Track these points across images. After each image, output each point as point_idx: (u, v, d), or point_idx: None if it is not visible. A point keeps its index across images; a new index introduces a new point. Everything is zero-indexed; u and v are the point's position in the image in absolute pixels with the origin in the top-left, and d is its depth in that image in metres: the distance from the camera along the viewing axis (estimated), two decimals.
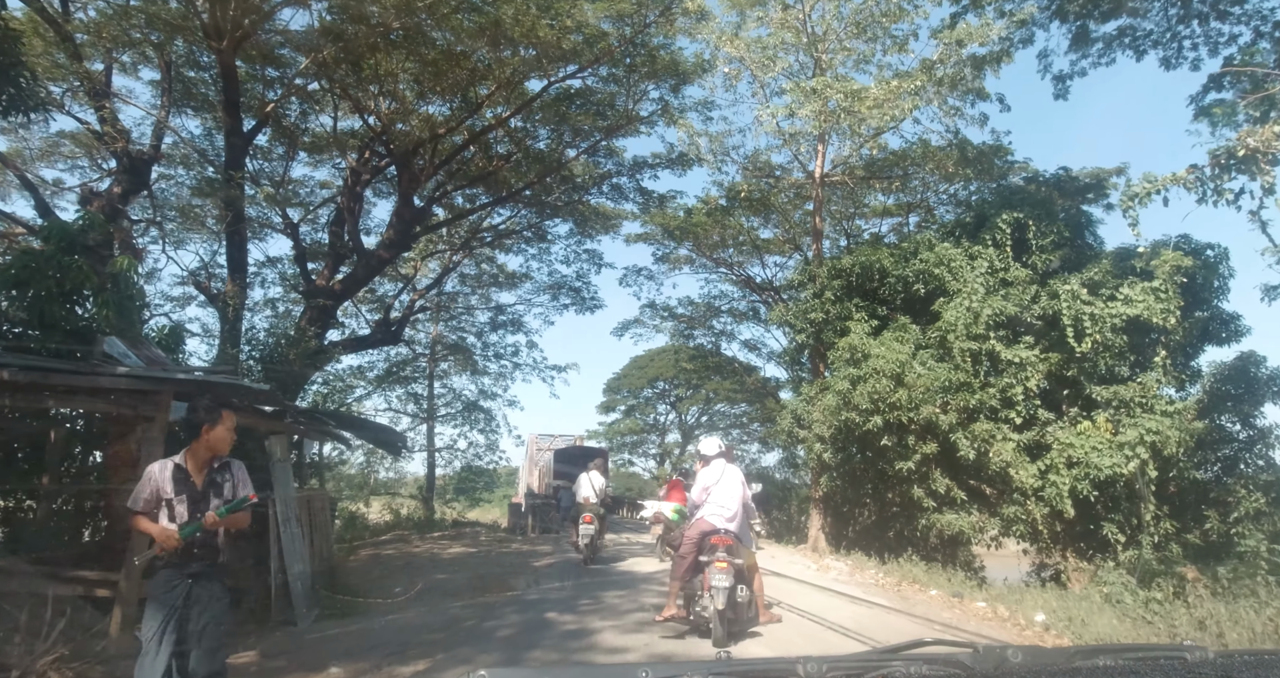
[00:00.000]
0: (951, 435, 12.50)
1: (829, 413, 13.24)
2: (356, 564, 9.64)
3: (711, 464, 6.33)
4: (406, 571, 8.95)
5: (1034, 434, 13.02)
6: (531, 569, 9.19)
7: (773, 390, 30.77)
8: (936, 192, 22.56)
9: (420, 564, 9.68)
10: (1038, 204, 14.37)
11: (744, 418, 40.42)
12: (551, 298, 24.30)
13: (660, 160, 19.04)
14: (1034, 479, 12.45)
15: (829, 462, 14.02)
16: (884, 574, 10.81)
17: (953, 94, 15.61)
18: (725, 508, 6.08)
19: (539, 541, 14.60)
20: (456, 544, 12.85)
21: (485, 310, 26.63)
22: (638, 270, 24.51)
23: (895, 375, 12.23)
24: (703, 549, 5.90)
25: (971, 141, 17.69)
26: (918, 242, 15.61)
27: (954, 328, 12.79)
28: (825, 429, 14.07)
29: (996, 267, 13.74)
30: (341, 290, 15.61)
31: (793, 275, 15.99)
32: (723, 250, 25.51)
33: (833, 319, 15.08)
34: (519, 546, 12.99)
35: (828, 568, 11.24)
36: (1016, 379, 12.96)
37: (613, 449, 43.21)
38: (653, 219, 22.15)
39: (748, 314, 29.07)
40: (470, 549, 12.03)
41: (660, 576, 8.27)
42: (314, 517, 6.96)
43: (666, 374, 41.22)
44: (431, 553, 11.43)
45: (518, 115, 17.45)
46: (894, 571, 10.97)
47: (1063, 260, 13.87)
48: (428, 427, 30.50)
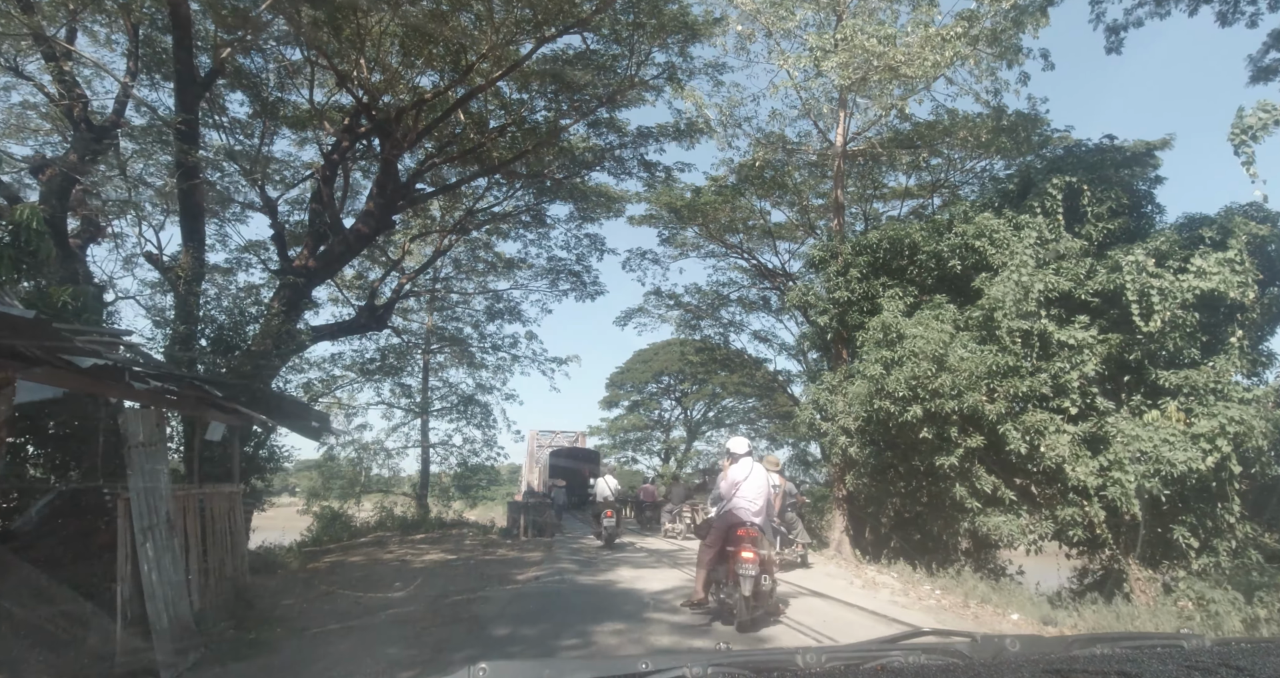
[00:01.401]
0: (999, 427, 10.98)
1: (858, 402, 11.73)
2: (302, 578, 8.16)
3: (740, 461, 6.66)
4: (362, 585, 7.48)
5: (1091, 426, 11.48)
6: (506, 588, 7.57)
7: (783, 384, 29.24)
8: (961, 169, 21.09)
9: (380, 577, 8.21)
10: (1091, 168, 12.84)
11: (751, 413, 38.93)
12: (550, 284, 22.82)
13: (666, 132, 17.52)
14: (1093, 476, 10.93)
15: (855, 457, 12.52)
16: (941, 591, 9.28)
17: (991, 50, 14.06)
18: (752, 503, 6.42)
19: (530, 545, 13.33)
20: (436, 549, 11.41)
21: (480, 296, 25.11)
22: (642, 253, 23.05)
23: (936, 358, 10.71)
24: (729, 540, 6.25)
25: (1006, 110, 16.18)
26: (952, 214, 14.10)
27: (1001, 304, 11.26)
28: (852, 421, 12.58)
29: (1046, 237, 12.21)
30: (317, 268, 14.15)
31: (812, 251, 14.50)
32: (732, 235, 24.03)
33: (859, 299, 13.57)
34: (506, 551, 11.50)
35: (874, 584, 9.59)
36: (1071, 363, 11.42)
37: (616, 446, 41.79)
38: (658, 198, 20.66)
39: (758, 304, 27.60)
40: (449, 556, 10.56)
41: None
42: (212, 524, 5.48)
43: (671, 368, 39.74)
44: (402, 561, 9.98)
45: (510, 78, 16.00)
46: (952, 586, 9.44)
47: (1121, 230, 12.32)
48: (421, 422, 29.12)
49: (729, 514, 6.37)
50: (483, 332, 28.36)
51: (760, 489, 6.53)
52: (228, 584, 5.56)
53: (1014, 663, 1.35)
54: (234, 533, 5.86)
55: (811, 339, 14.44)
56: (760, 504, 6.47)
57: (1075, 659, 1.41)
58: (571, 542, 14.18)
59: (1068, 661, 1.40)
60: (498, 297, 24.68)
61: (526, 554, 11.05)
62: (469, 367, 29.60)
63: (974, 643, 1.44)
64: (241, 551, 6.03)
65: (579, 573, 9.05)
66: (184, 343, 10.94)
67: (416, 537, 13.99)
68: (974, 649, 1.41)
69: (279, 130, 17.81)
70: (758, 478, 6.57)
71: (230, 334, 11.01)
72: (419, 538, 13.70)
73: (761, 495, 6.52)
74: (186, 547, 4.76)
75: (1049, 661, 1.39)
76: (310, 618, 5.66)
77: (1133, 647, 1.50)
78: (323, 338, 17.01)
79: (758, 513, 6.38)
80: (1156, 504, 10.76)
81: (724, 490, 6.57)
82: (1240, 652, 1.44)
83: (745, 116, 18.29)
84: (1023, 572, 14.62)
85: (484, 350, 29.22)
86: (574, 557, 11.11)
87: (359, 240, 14.34)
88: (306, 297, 13.79)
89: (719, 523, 6.41)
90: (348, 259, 15.50)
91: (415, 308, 26.38)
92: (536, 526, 14.04)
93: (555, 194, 20.92)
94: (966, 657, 1.38)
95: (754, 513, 6.35)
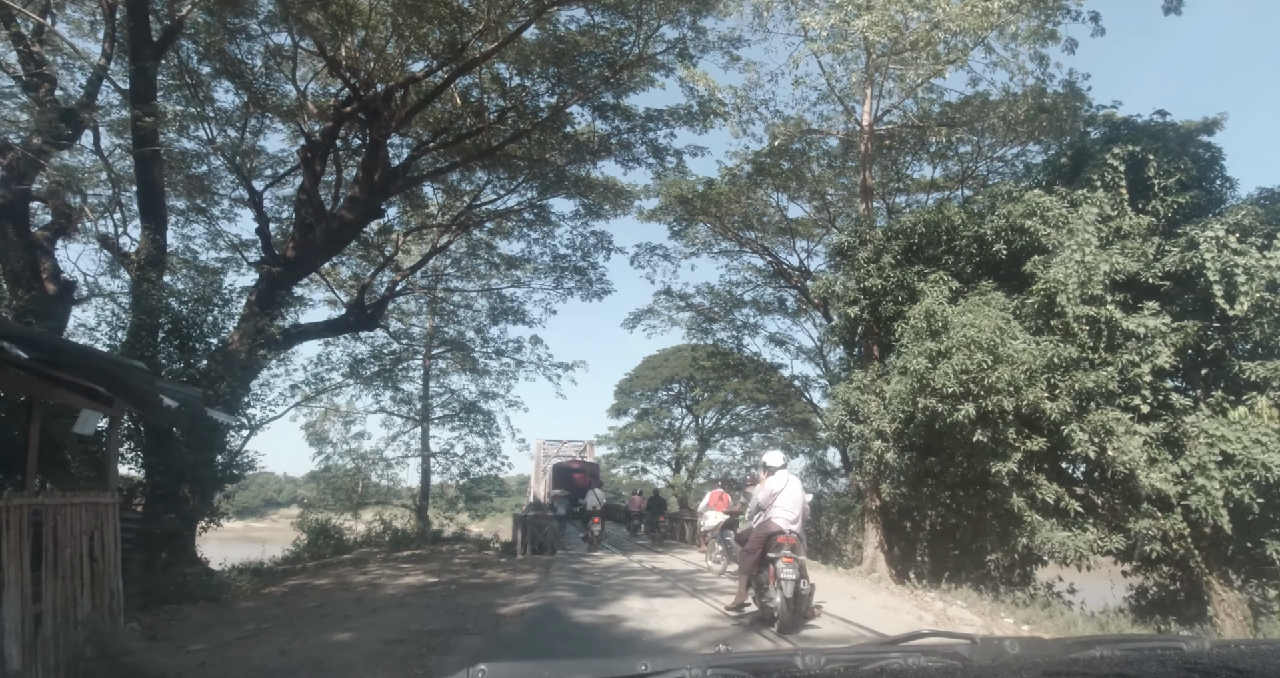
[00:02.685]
0: (1063, 428, 9.59)
1: (897, 401, 10.36)
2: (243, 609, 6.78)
3: (776, 474, 7.02)
4: (307, 620, 6.10)
5: (1164, 427, 10.08)
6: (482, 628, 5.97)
7: (800, 390, 27.80)
8: (990, 158, 19.75)
9: (335, 609, 6.83)
10: (1154, 136, 11.49)
11: (765, 422, 37.44)
12: (554, 282, 21.54)
13: (677, 115, 16.27)
14: (1170, 483, 9.51)
15: (892, 464, 11.13)
16: (1021, 622, 7.78)
17: (1035, 13, 12.75)
18: (789, 512, 6.79)
19: (526, 565, 11.63)
20: (418, 570, 10.05)
21: (481, 295, 23.87)
22: (651, 248, 21.70)
23: (990, 348, 9.34)
24: (769, 547, 6.58)
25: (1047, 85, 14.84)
26: (993, 194, 12.75)
27: (1063, 287, 9.89)
28: (888, 423, 11.20)
29: (1108, 213, 10.86)
30: (296, 258, 12.95)
31: (840, 237, 13.18)
32: (746, 231, 22.74)
33: (893, 288, 12.21)
34: (497, 573, 10.01)
35: (948, 619, 7.94)
36: (1141, 355, 10.04)
37: (624, 455, 40.36)
38: (669, 190, 19.39)
39: (773, 305, 26.23)
40: (429, 579, 9.17)
41: None
42: (57, 548, 4.14)
43: (682, 374, 38.36)
44: (373, 585, 8.63)
45: (509, 59, 14.85)
46: (1034, 617, 7.97)
47: (1192, 204, 10.94)
48: (422, 430, 27.89)
49: (767, 523, 6.74)
50: (485, 335, 27.16)
51: (796, 500, 6.91)
52: (82, 633, 4.23)
53: (1013, 665, 1.34)
54: (98, 560, 4.50)
55: (840, 334, 13.07)
56: (796, 514, 6.88)
57: (1074, 662, 1.40)
58: (573, 560, 12.73)
59: (1066, 663, 1.39)
60: (500, 297, 23.42)
61: (520, 577, 9.55)
62: (471, 373, 28.39)
63: (973, 645, 1.42)
64: (111, 584, 4.65)
65: (577, 605, 7.37)
66: (138, 338, 9.74)
67: (403, 554, 12.63)
68: (973, 651, 1.39)
69: (266, 120, 16.71)
70: (793, 489, 6.95)
71: (190, 327, 9.78)
72: (405, 556, 12.32)
73: (797, 506, 6.91)
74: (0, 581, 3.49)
75: (1048, 663, 1.38)
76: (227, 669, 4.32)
77: (1132, 649, 1.49)
78: (309, 337, 15.82)
79: (794, 522, 6.79)
80: (1243, 513, 9.35)
81: (762, 501, 6.94)
82: (1240, 654, 1.44)
83: (762, 99, 17.04)
84: (1074, 590, 13.21)
85: (487, 356, 28.02)
86: (573, 581, 9.44)
87: (343, 228, 13.14)
88: (286, 290, 12.58)
89: (758, 531, 6.80)
90: (333, 251, 14.30)
91: (415, 310, 25.21)
92: (535, 542, 12.65)
93: (559, 188, 19.70)
94: (965, 659, 1.36)
95: (790, 522, 6.75)
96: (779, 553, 6.36)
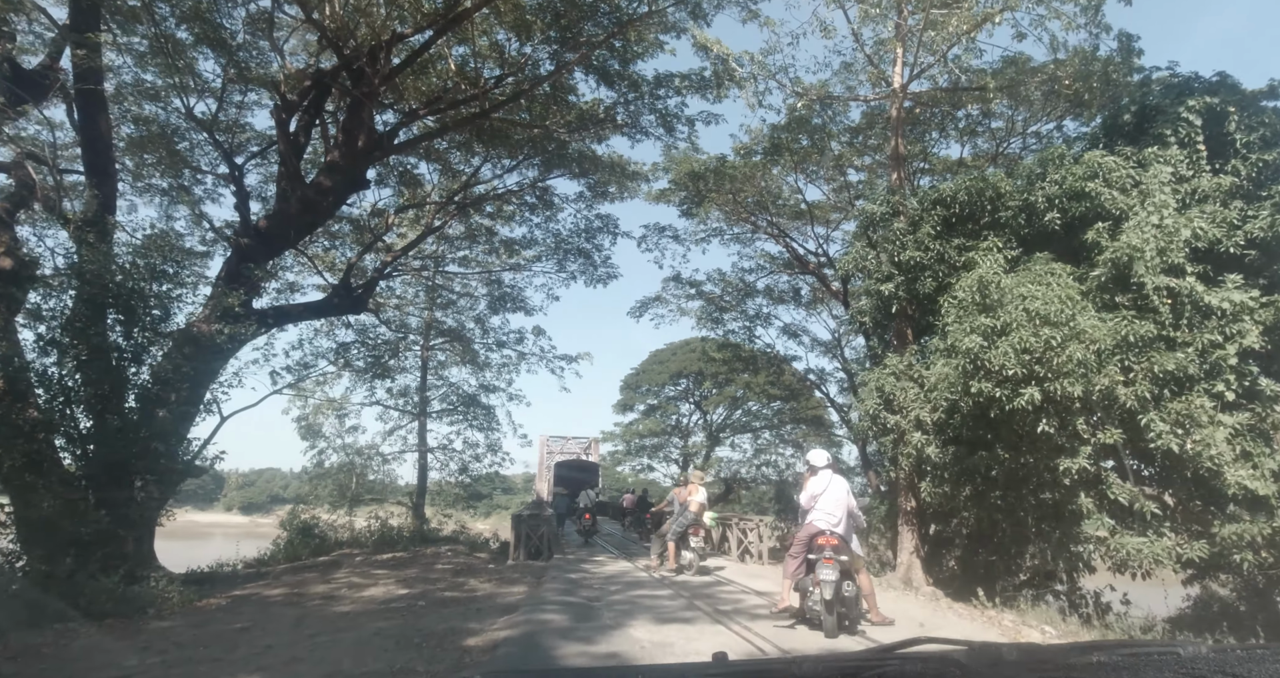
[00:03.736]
0: (1140, 417, 8.27)
1: (944, 387, 9.06)
2: (156, 631, 5.49)
3: (819, 474, 6.90)
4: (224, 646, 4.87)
5: (1251, 417, 8.74)
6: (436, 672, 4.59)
7: (814, 384, 26.47)
8: (1024, 134, 18.40)
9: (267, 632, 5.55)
10: (1229, 89, 10.15)
11: (776, 418, 36.07)
12: (557, 266, 20.25)
13: (689, 81, 14.96)
14: (1264, 482, 8.18)
15: (934, 459, 9.82)
16: None
17: None
18: (831, 514, 6.66)
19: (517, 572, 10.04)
20: (391, 579, 8.78)
21: (480, 281, 22.64)
22: (660, 229, 20.34)
23: (1059, 323, 8.03)
24: (811, 549, 6.45)
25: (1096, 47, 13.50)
26: (1044, 159, 11.40)
27: (1140, 254, 8.56)
28: (928, 412, 9.89)
29: (1183, 174, 9.53)
30: (268, 228, 11.73)
31: (870, 206, 11.86)
32: (761, 215, 21.41)
33: (932, 262, 10.91)
34: (481, 582, 8.64)
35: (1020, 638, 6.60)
36: (1225, 334, 8.71)
37: (630, 453, 39.09)
38: (679, 167, 18.09)
39: (786, 294, 24.90)
40: (400, 590, 7.88)
41: None
42: None
43: (690, 369, 37.07)
44: (329, 598, 7.37)
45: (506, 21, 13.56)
46: None
47: (1278, 164, 9.60)
48: (419, 424, 26.70)
49: (809, 525, 6.60)
50: (486, 325, 25.94)
51: (839, 501, 6.69)
52: None
53: (1011, 672, 1.35)
54: None
55: (870, 314, 11.75)
56: (840, 515, 6.66)
57: (1072, 668, 1.39)
58: (570, 568, 10.92)
59: (1064, 669, 1.38)
60: (499, 283, 22.15)
61: (505, 589, 8.15)
62: (472, 365, 27.21)
63: (971, 651, 1.40)
64: None
65: (567, 634, 5.78)
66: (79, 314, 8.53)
67: (384, 557, 11.38)
68: (971, 658, 1.38)
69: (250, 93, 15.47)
70: (836, 490, 6.76)
71: (136, 300, 8.56)
72: (385, 559, 11.07)
73: (840, 507, 6.69)
74: None
75: (1045, 669, 1.39)
76: None
77: (1129, 654, 1.46)
78: (291, 319, 14.61)
79: (837, 523, 6.60)
80: None
81: (804, 503, 6.76)
82: (1237, 659, 1.44)
83: (781, 65, 15.70)
84: (1128, 601, 11.92)
85: (487, 347, 26.81)
86: (567, 597, 7.61)
87: (321, 197, 11.91)
88: (258, 264, 11.34)
89: (801, 534, 6.67)
90: (313, 224, 13.05)
91: (411, 298, 23.99)
92: (529, 546, 11.30)
93: (562, 165, 18.43)
94: (964, 665, 1.33)
95: (833, 523, 6.58)
96: (819, 554, 6.22)
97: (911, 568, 10.89)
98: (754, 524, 13.61)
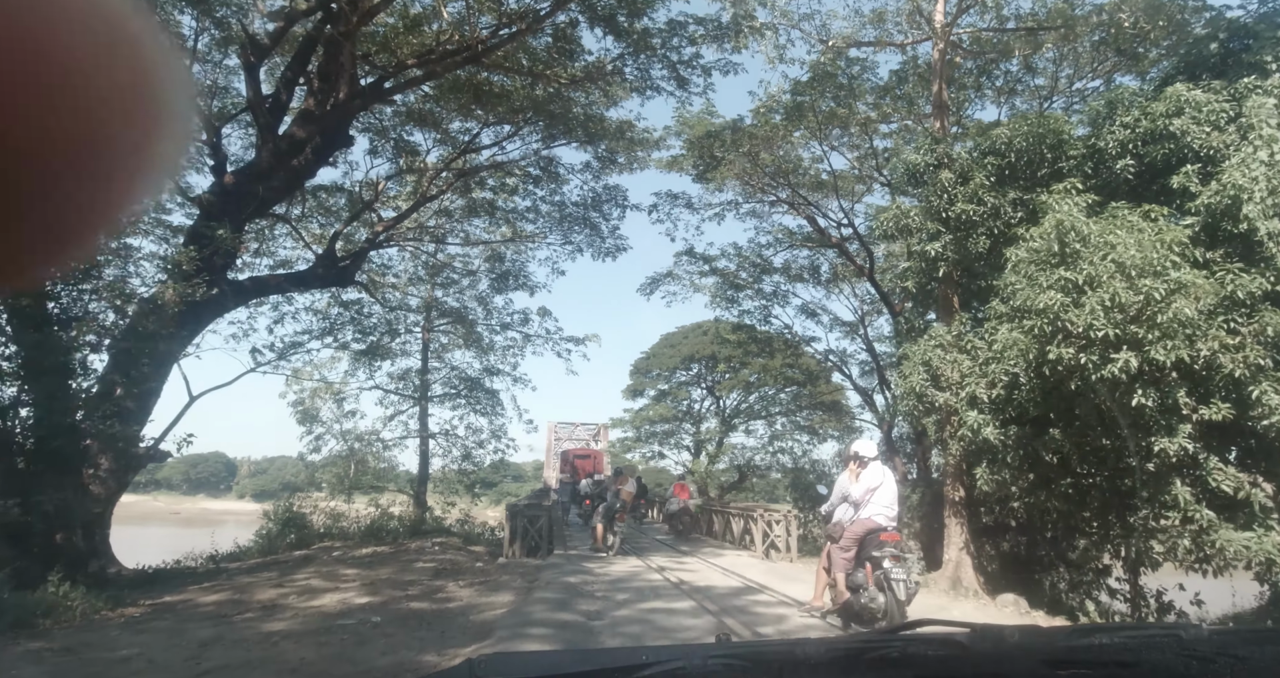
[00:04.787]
0: (1250, 388, 6.91)
1: (1012, 355, 7.71)
2: (17, 655, 4.41)
3: (870, 466, 6.44)
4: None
5: None
6: None
7: (836, 365, 25.07)
8: (1068, 93, 16.86)
9: (176, 655, 4.40)
10: None
11: (792, 404, 34.66)
12: (562, 239, 18.93)
13: (704, 27, 13.55)
14: None
15: (992, 441, 8.49)
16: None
17: None
18: (889, 508, 6.28)
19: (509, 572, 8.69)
20: (357, 582, 7.52)
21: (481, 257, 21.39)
22: (673, 196, 18.93)
23: (1159, 273, 6.67)
24: (869, 545, 6.16)
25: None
26: (1112, 100, 9.97)
27: (1248, 195, 7.16)
28: (984, 387, 8.56)
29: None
30: (235, 185, 10.49)
31: (913, 156, 10.48)
32: (780, 186, 19.97)
33: (985, 218, 9.55)
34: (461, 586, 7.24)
35: None
36: None
37: (640, 439, 37.81)
38: (694, 127, 16.71)
39: (805, 269, 23.44)
40: (359, 599, 6.60)
41: None
42: None
43: (703, 353, 35.73)
44: (269, 608, 6.14)
45: None
46: None
47: None
48: (420, 409, 25.61)
49: (867, 520, 6.26)
50: (489, 305, 24.72)
51: (894, 494, 6.42)
52: None
53: (1013, 653, 1.34)
54: None
55: (913, 277, 10.38)
56: (897, 510, 6.42)
57: (1074, 649, 1.39)
58: (571, 566, 9.43)
59: (1066, 651, 1.38)
60: (500, 258, 20.87)
61: (488, 598, 6.81)
62: (476, 349, 26.07)
63: (973, 634, 1.39)
64: None
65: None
66: None
67: (364, 552, 10.19)
68: (973, 640, 1.36)
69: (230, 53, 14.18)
70: (891, 484, 6.46)
71: None
72: (364, 555, 9.87)
73: (896, 502, 6.42)
74: None
75: (1047, 651, 1.37)
76: None
77: (1131, 637, 1.48)
78: (269, 291, 13.41)
79: (894, 518, 6.35)
80: None
81: (858, 496, 6.36)
82: (1238, 640, 1.45)
83: (804, 13, 14.29)
84: (1200, 602, 10.65)
85: (491, 329, 25.61)
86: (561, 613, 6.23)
87: (294, 149, 10.65)
88: (217, 218, 10.08)
89: (854, 529, 6.32)
90: (288, 184, 11.76)
91: (409, 273, 22.74)
92: (527, 541, 9.98)
93: (566, 130, 17.08)
94: (966, 647, 1.33)
95: (891, 518, 6.31)
96: (884, 551, 5.96)
97: (961, 566, 9.61)
98: (780, 516, 12.31)
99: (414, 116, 16.80)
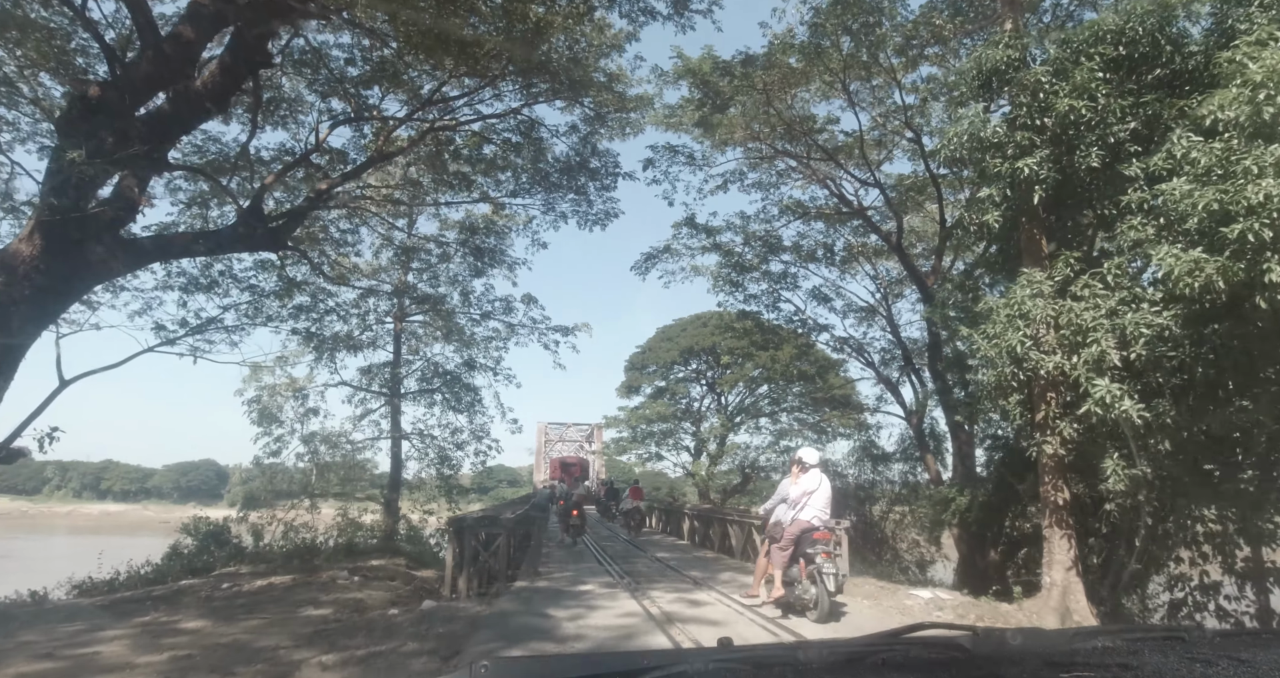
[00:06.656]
0: None
1: (1183, 286, 5.21)
2: None
3: (810, 472, 7.02)
4: None
5: None
6: None
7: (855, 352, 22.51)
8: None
9: None
10: None
11: (798, 401, 32.10)
12: (544, 206, 16.37)
13: None
14: None
15: (1134, 419, 5.96)
16: None
17: None
18: (823, 510, 6.94)
19: (427, 629, 6.10)
20: (175, 651, 4.88)
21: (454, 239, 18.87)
22: (672, 150, 16.33)
23: None
24: (803, 543, 6.73)
25: None
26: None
27: None
28: (1116, 346, 6.08)
29: None
30: (102, 98, 7.92)
31: (992, 51, 7.99)
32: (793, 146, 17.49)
33: (1097, 122, 7.08)
34: (316, 674, 4.72)
35: None
36: None
37: (636, 440, 35.26)
38: (699, 67, 14.19)
39: (819, 248, 20.91)
40: None
41: None
42: None
43: (702, 345, 33.25)
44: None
45: None
46: None
47: None
48: (391, 407, 23.07)
49: (801, 521, 6.79)
50: (467, 291, 22.21)
51: (827, 498, 7.00)
52: None
53: (1015, 657, 1.32)
54: None
55: (996, 208, 7.86)
56: (828, 513, 6.99)
57: (1076, 652, 1.38)
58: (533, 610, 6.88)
59: (1069, 654, 1.37)
60: (474, 228, 18.32)
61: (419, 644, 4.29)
62: (457, 341, 23.57)
63: (975, 636, 1.38)
64: None
65: None
66: None
67: (257, 585, 7.47)
68: (975, 643, 1.35)
69: None
70: (826, 488, 7.07)
71: None
72: (255, 589, 7.13)
73: (829, 504, 7.01)
74: None
75: (1050, 654, 1.36)
76: None
77: (1134, 639, 1.45)
78: (174, 253, 10.87)
79: (826, 519, 6.93)
80: None
81: (795, 497, 6.94)
82: (1242, 644, 1.42)
83: None
84: None
85: (471, 320, 23.10)
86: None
87: (180, 53, 8.11)
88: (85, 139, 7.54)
89: (792, 529, 6.82)
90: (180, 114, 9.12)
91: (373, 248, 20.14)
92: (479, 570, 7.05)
93: (550, 79, 14.52)
94: (968, 650, 1.32)
95: (824, 519, 6.88)
96: (816, 549, 6.51)
97: (1070, 592, 7.11)
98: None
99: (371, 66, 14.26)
